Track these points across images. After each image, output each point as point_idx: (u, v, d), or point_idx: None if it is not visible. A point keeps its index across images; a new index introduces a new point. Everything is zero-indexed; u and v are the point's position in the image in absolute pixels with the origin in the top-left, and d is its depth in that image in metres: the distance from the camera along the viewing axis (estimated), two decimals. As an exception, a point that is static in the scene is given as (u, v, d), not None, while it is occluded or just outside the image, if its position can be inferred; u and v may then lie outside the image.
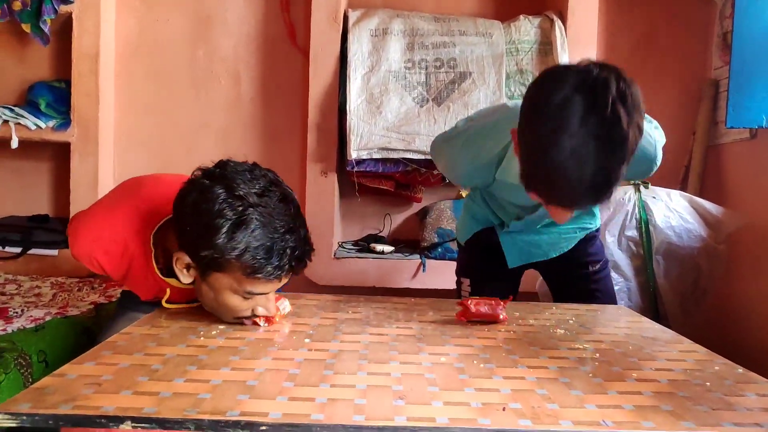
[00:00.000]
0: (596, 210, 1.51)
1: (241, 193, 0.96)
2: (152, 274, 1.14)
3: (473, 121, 1.29)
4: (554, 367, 0.89)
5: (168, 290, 1.15)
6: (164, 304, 1.15)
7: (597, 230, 1.54)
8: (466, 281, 1.57)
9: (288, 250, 0.98)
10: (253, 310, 1.04)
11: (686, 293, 1.99)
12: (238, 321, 1.06)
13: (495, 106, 1.30)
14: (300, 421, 0.67)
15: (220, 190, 0.95)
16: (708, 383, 0.84)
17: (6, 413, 0.65)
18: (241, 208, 0.95)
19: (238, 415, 0.67)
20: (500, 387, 0.79)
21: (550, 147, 0.88)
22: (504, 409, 0.72)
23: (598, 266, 1.51)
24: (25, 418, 0.65)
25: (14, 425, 0.65)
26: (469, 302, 1.13)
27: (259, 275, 0.97)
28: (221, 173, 0.98)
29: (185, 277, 1.04)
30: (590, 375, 0.86)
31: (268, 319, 1.06)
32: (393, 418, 0.68)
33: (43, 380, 0.75)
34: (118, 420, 0.66)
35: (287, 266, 0.99)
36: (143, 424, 0.66)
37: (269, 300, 1.05)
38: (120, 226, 1.12)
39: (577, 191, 0.90)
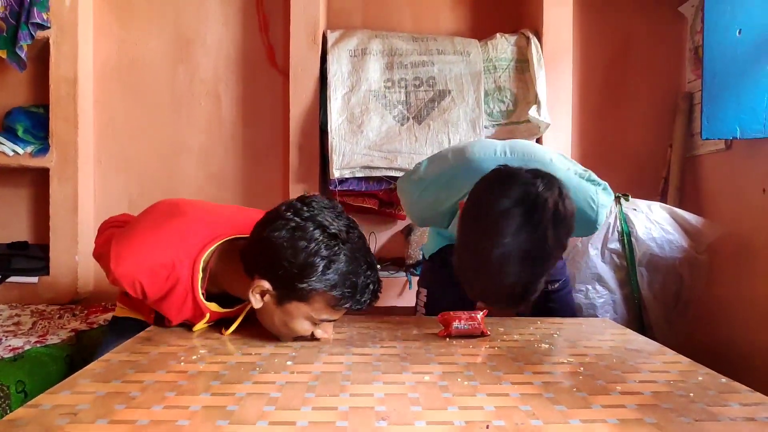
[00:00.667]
0: None
1: (335, 231, 1.03)
2: (194, 298, 1.13)
3: (433, 166, 1.31)
4: (538, 382, 0.89)
5: (208, 315, 1.17)
6: (194, 329, 1.19)
7: None
8: (423, 291, 1.59)
9: (370, 285, 1.07)
10: (313, 333, 1.11)
11: (670, 303, 2.01)
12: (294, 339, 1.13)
13: (455, 151, 1.28)
14: (280, 446, 0.65)
15: (315, 230, 1.02)
16: (692, 394, 0.85)
17: (-24, 448, 0.63)
18: (336, 248, 1.02)
19: (217, 442, 0.66)
20: (484, 404, 0.79)
21: (479, 251, 0.96)
22: (487, 427, 0.71)
23: (557, 285, 1.53)
24: (-5, 452, 0.63)
25: (-16, 460, 0.63)
26: (451, 320, 1.14)
27: (345, 307, 1.06)
28: (310, 212, 1.04)
29: (257, 303, 1.07)
30: (574, 390, 0.86)
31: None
32: (375, 440, 0.67)
33: (16, 411, 0.73)
34: (93, 451, 0.64)
35: (368, 300, 1.07)
36: (119, 455, 0.64)
37: (331, 324, 1.13)
38: (168, 248, 1.10)
39: (494, 295, 1.00)
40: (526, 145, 1.27)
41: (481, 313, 1.16)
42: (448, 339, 1.14)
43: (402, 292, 2.23)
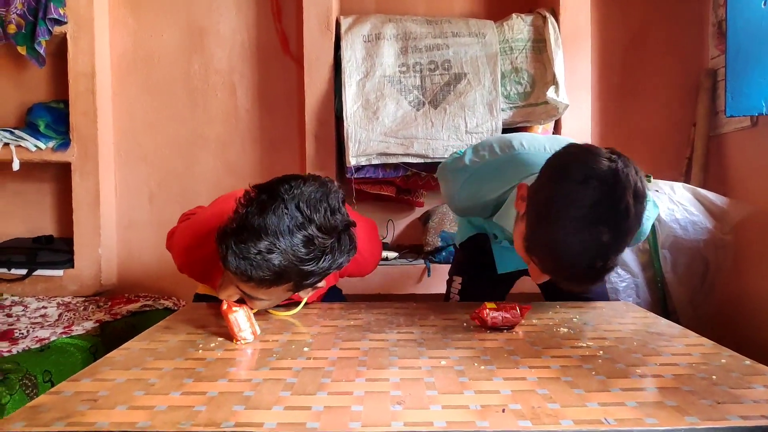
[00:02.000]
0: None
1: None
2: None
3: (479, 156, 1.26)
4: (556, 366, 0.88)
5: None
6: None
7: None
8: (458, 279, 1.57)
9: (251, 257, 0.95)
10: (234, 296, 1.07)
11: (694, 286, 1.97)
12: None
13: (503, 143, 1.25)
14: (295, 429, 0.66)
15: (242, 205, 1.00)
16: (714, 377, 0.83)
17: (-1, 434, 0.65)
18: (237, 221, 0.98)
19: (233, 426, 0.66)
20: (500, 388, 0.78)
21: (559, 221, 0.89)
22: (503, 411, 0.70)
23: None
24: (18, 438, 0.65)
25: (8, 446, 0.65)
26: (485, 313, 1.10)
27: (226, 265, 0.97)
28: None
29: None
30: (593, 373, 0.84)
31: (225, 312, 1.05)
32: (390, 424, 0.67)
33: (39, 398, 0.75)
34: (112, 437, 0.65)
35: (243, 273, 0.96)
36: (137, 440, 0.65)
37: (230, 288, 1.06)
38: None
39: (572, 271, 0.91)
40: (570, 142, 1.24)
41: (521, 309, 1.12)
42: (464, 325, 1.13)
43: (421, 278, 2.22)
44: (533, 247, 0.95)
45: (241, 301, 1.08)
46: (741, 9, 1.86)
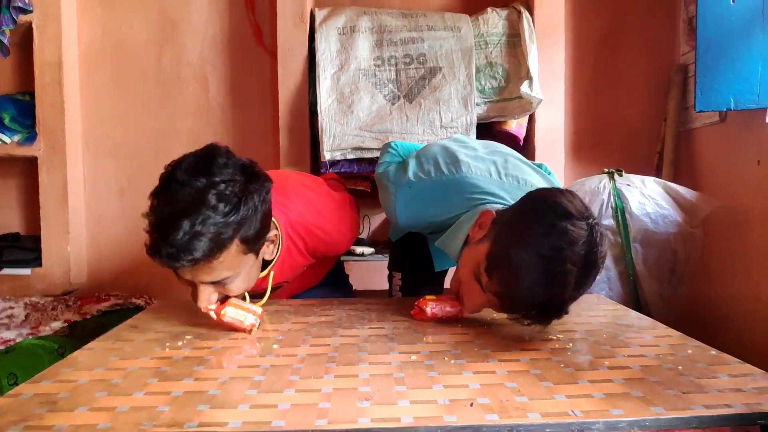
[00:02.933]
0: None
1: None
2: None
3: (423, 172, 1.23)
4: (526, 359, 0.88)
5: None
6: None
7: None
8: (398, 275, 1.56)
9: (172, 241, 0.90)
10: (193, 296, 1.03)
11: (664, 278, 2.00)
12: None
13: (449, 158, 1.21)
14: (260, 429, 0.64)
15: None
16: (680, 367, 0.84)
17: (-50, 439, 0.62)
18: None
19: (196, 426, 0.65)
20: (469, 382, 0.78)
21: (530, 246, 0.90)
22: (471, 405, 0.70)
23: None
24: (-30, 442, 0.62)
25: (-41, 451, 0.62)
26: (425, 305, 1.10)
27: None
28: None
29: None
30: (562, 365, 0.85)
31: (218, 316, 1.03)
32: (357, 421, 0.66)
33: (-5, 401, 0.72)
34: (70, 439, 0.63)
35: (171, 258, 0.92)
36: (96, 442, 0.63)
37: (201, 291, 1.01)
38: None
39: (526, 303, 0.92)
40: (518, 168, 1.23)
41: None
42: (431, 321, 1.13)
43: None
44: (496, 266, 0.94)
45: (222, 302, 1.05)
46: (711, 6, 1.88)
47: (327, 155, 2.15)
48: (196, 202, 0.92)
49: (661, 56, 2.43)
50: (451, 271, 1.55)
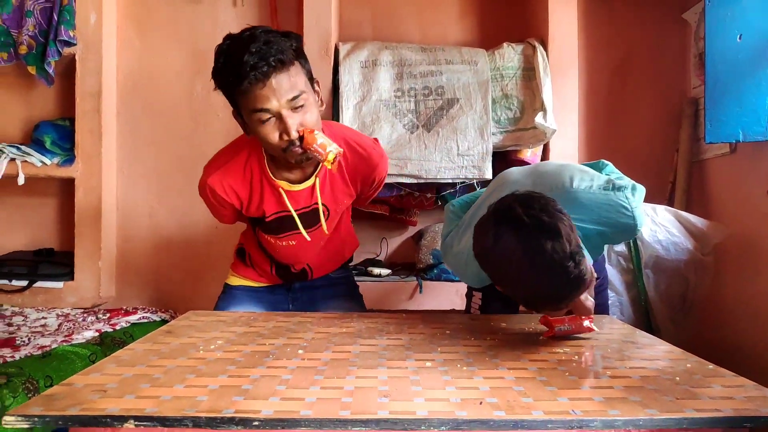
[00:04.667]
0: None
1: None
2: (268, 180, 1.38)
3: (467, 236, 1.31)
4: (533, 368, 0.94)
5: (284, 194, 1.38)
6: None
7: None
8: (478, 294, 1.61)
9: (254, 50, 1.14)
10: (284, 135, 1.23)
11: (676, 305, 2.04)
12: (294, 157, 1.26)
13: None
14: (290, 416, 0.72)
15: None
16: (677, 378, 0.89)
17: (19, 415, 0.70)
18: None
19: (233, 413, 0.72)
20: (480, 385, 0.85)
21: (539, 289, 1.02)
22: (481, 403, 0.77)
23: (597, 281, 1.55)
24: (36, 419, 0.71)
25: (27, 426, 0.71)
26: (554, 323, 1.16)
27: (241, 84, 1.16)
28: None
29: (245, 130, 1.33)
30: (567, 374, 0.91)
31: (306, 142, 1.22)
32: (377, 413, 0.73)
33: (52, 389, 0.81)
34: (122, 419, 0.71)
35: (257, 65, 1.14)
36: (145, 423, 0.71)
37: (289, 120, 1.20)
38: (239, 143, 1.45)
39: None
40: (547, 177, 1.32)
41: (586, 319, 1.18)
42: (448, 333, 1.20)
43: (413, 295, 2.28)
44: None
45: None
46: (718, 42, 1.97)
47: (348, 180, 2.24)
48: (253, 38, 1.16)
49: (673, 89, 2.51)
50: None
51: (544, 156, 2.38)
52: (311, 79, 1.28)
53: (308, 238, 1.43)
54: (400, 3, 2.60)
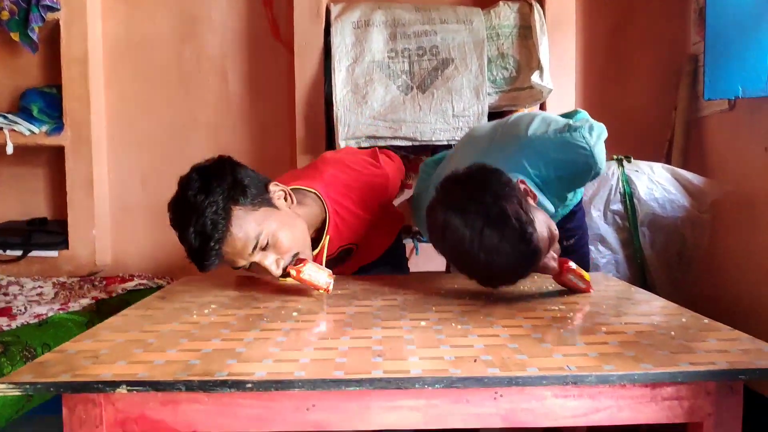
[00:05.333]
0: (577, 190, 1.54)
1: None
2: None
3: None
4: (528, 325, 0.94)
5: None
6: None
7: (577, 205, 1.58)
8: None
9: (194, 234, 1.08)
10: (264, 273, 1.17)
11: (672, 263, 2.04)
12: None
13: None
14: (283, 378, 0.71)
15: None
16: (672, 332, 0.89)
17: (10, 383, 0.70)
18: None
19: (226, 375, 0.72)
20: (474, 344, 0.84)
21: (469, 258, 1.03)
22: (475, 361, 0.77)
23: (572, 240, 1.56)
24: (28, 386, 0.70)
25: (18, 394, 0.70)
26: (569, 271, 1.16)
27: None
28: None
29: None
30: (561, 330, 0.91)
31: (295, 279, 1.15)
32: (371, 372, 0.73)
33: (44, 356, 0.80)
34: (114, 384, 0.71)
35: (206, 253, 1.09)
36: (137, 387, 0.71)
37: (262, 262, 1.14)
38: None
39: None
40: (506, 130, 1.32)
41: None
42: (442, 293, 1.19)
43: (410, 257, 2.28)
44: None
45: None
46: (719, -4, 1.92)
47: (342, 143, 2.21)
48: (187, 214, 1.10)
49: (672, 46, 2.46)
50: None
51: (541, 116, 2.35)
52: (260, 198, 1.16)
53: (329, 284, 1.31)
54: (393, -40, 2.52)
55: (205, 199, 1.08)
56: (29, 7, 2.27)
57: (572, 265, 1.15)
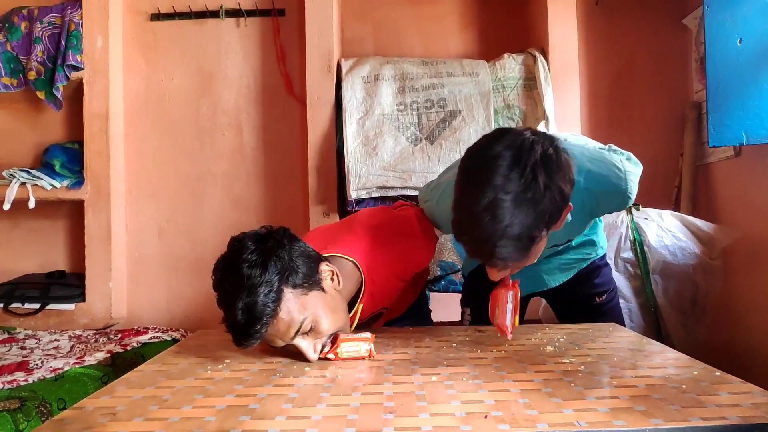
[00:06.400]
0: (598, 239, 1.53)
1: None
2: None
3: (448, 171, 1.31)
4: (539, 379, 0.94)
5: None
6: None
7: (602, 258, 1.57)
8: (467, 310, 1.61)
9: (239, 313, 1.03)
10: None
11: (686, 310, 2.03)
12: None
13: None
14: (296, 435, 0.73)
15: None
16: (684, 386, 0.89)
17: (30, 441, 0.72)
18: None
19: (239, 433, 0.73)
20: (485, 399, 0.85)
21: (470, 198, 0.96)
22: (486, 417, 0.77)
23: (604, 297, 1.54)
24: (47, 444, 0.72)
25: (38, 452, 0.72)
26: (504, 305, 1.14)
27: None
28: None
29: None
30: (572, 384, 0.91)
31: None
32: (382, 430, 0.74)
33: (63, 413, 0.82)
34: (131, 442, 0.72)
35: (247, 338, 1.04)
36: (154, 445, 0.72)
37: (302, 347, 1.09)
38: None
39: (488, 243, 0.95)
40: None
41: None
42: (454, 346, 1.20)
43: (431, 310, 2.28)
44: (456, 231, 1.01)
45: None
46: (719, 46, 1.97)
47: (353, 194, 2.26)
48: (237, 287, 1.04)
49: (675, 94, 2.52)
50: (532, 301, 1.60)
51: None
52: (311, 280, 1.12)
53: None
54: (401, 18, 2.63)
55: (261, 276, 1.03)
56: (55, 67, 2.39)
57: (518, 292, 1.14)
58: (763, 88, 1.88)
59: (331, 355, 1.10)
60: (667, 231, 2.01)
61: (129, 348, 1.96)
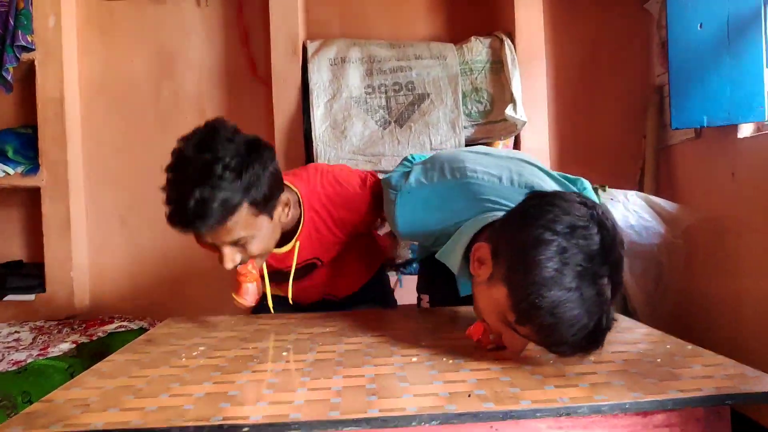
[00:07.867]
0: None
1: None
2: None
3: (427, 178, 1.18)
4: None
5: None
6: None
7: None
8: (425, 297, 1.56)
9: (196, 200, 1.03)
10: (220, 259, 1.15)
11: (651, 288, 2.09)
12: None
13: (454, 165, 1.15)
14: (279, 420, 0.71)
15: None
16: (659, 360, 0.91)
17: (-1, 437, 0.68)
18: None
19: (221, 420, 0.71)
20: (467, 378, 0.85)
21: (558, 279, 0.80)
22: (469, 396, 0.77)
23: None
24: (17, 439, 0.69)
25: (7, 447, 0.69)
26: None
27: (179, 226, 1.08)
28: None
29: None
30: (551, 362, 0.92)
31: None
32: (366, 411, 0.73)
33: (32, 406, 0.79)
34: (108, 434, 0.70)
35: (195, 223, 1.05)
36: (131, 436, 0.70)
37: (224, 253, 1.13)
38: None
39: (577, 336, 0.81)
40: (535, 174, 1.14)
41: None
42: (430, 327, 1.20)
43: (393, 290, 2.28)
44: (528, 316, 0.83)
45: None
46: (680, 31, 2.02)
47: (322, 179, 2.23)
48: (204, 174, 1.04)
49: (638, 78, 2.56)
50: None
51: (516, 148, 2.40)
52: (269, 206, 1.14)
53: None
54: (368, 0, 2.59)
55: (230, 183, 1.04)
56: (3, 48, 2.27)
57: None
58: (722, 71, 1.93)
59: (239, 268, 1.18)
60: (632, 211, 2.06)
61: (95, 338, 1.90)
